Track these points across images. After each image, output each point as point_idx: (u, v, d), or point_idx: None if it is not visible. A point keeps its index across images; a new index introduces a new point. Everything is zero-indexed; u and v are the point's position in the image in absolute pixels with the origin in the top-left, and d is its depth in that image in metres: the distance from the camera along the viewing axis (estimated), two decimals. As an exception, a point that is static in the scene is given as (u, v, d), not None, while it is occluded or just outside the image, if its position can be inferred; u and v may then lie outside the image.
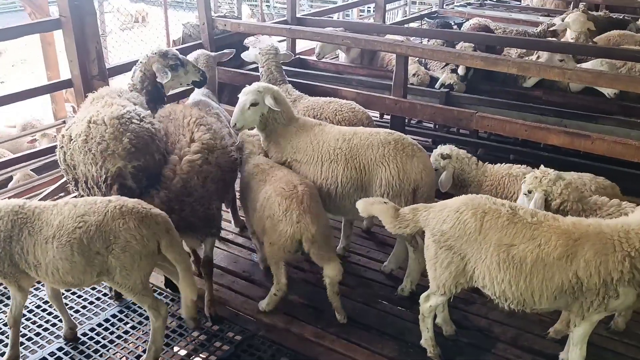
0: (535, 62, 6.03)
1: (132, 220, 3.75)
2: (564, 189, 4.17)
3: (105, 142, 4.23)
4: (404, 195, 4.53)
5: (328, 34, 6.48)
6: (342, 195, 4.73)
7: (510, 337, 4.62)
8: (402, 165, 4.55)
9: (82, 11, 5.45)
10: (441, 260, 3.87)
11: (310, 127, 4.95)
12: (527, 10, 12.54)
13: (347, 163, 4.65)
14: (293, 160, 4.93)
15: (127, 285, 3.89)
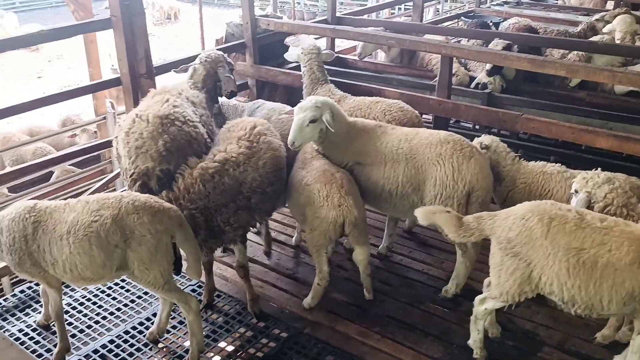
0: (584, 64, 5.96)
1: (146, 215, 3.84)
2: (609, 193, 4.15)
3: (142, 140, 4.35)
4: (457, 197, 4.50)
5: (373, 34, 6.50)
6: (402, 195, 4.72)
7: (556, 341, 4.60)
8: (458, 166, 4.51)
9: (132, 11, 5.56)
10: (507, 267, 3.84)
11: (372, 129, 4.92)
12: (566, 9, 12.38)
13: (407, 162, 4.65)
14: (356, 163, 4.91)
15: (147, 280, 3.97)
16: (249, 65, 7.06)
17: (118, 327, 4.74)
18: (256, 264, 5.56)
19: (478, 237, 4.01)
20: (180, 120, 4.57)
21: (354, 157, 4.91)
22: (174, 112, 4.58)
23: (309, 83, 6.04)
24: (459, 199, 4.51)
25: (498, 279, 3.94)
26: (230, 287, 5.25)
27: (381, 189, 4.77)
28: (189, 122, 4.65)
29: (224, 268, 5.47)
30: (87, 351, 4.49)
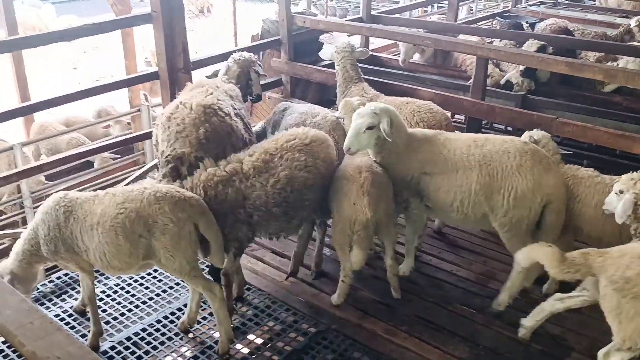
0: (622, 68, 5.88)
1: (167, 204, 3.96)
2: None
3: (184, 125, 4.47)
4: (534, 208, 4.43)
5: (409, 34, 6.52)
6: (475, 204, 4.60)
7: (584, 347, 4.57)
8: (539, 178, 4.41)
9: (172, 7, 5.67)
10: (627, 311, 3.58)
11: (434, 138, 4.80)
12: (604, 10, 12.18)
13: (481, 169, 4.51)
14: (422, 174, 4.76)
15: (173, 267, 4.09)
16: (284, 62, 7.13)
17: (150, 316, 4.85)
18: (285, 258, 5.63)
19: (584, 275, 3.79)
20: (223, 112, 4.68)
21: (420, 168, 4.77)
22: (217, 103, 4.70)
23: (342, 81, 6.08)
24: (536, 210, 4.44)
25: (619, 325, 3.66)
26: (260, 280, 5.33)
27: (452, 198, 4.65)
28: (230, 114, 4.75)
29: (254, 262, 5.56)
30: (120, 338, 4.61)
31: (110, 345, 4.55)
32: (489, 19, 11.39)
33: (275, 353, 4.50)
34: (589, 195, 4.59)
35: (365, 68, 7.63)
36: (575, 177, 4.72)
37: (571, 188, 4.70)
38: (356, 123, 4.67)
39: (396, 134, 4.69)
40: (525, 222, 4.47)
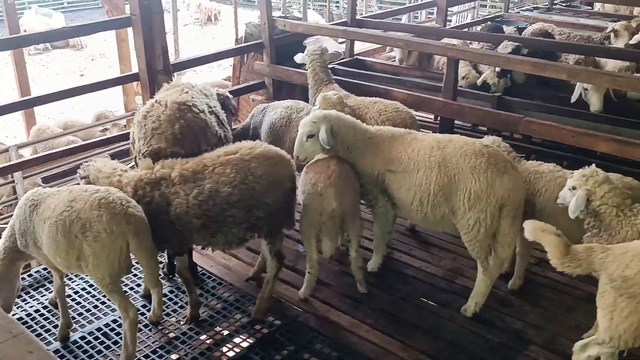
0: (584, 68, 5.95)
1: (106, 214, 3.95)
2: (607, 192, 4.13)
3: (159, 122, 4.61)
4: (490, 211, 4.45)
5: (381, 36, 6.65)
6: (434, 204, 4.65)
7: (544, 340, 4.64)
8: (492, 180, 4.44)
9: (151, 10, 5.85)
10: (621, 309, 3.54)
11: (402, 136, 4.88)
12: (596, 15, 12.24)
13: (440, 170, 4.57)
14: (386, 171, 4.83)
15: (96, 276, 4.06)
16: (266, 65, 7.29)
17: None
18: (259, 254, 5.75)
19: (584, 270, 3.70)
20: (197, 108, 4.84)
21: (385, 166, 4.85)
22: (191, 100, 4.86)
23: (313, 84, 6.21)
24: (492, 213, 4.47)
25: (610, 322, 3.61)
26: (232, 275, 5.47)
27: (412, 197, 4.73)
28: (204, 111, 4.91)
29: (228, 257, 5.70)
30: (91, 329, 4.77)
31: (81, 335, 4.70)
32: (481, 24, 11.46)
33: (240, 344, 4.63)
34: (550, 189, 4.66)
35: (349, 71, 7.82)
36: (537, 172, 4.80)
37: (533, 183, 4.77)
38: (299, 132, 4.88)
39: (345, 135, 4.85)
40: (483, 225, 4.50)
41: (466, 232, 4.58)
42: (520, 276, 5.17)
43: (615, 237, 4.10)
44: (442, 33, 8.38)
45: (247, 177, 4.38)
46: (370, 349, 4.56)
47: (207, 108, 5.07)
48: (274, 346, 4.59)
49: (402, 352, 4.50)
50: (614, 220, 4.06)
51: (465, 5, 20.79)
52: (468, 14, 19.29)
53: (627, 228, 4.05)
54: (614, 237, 4.11)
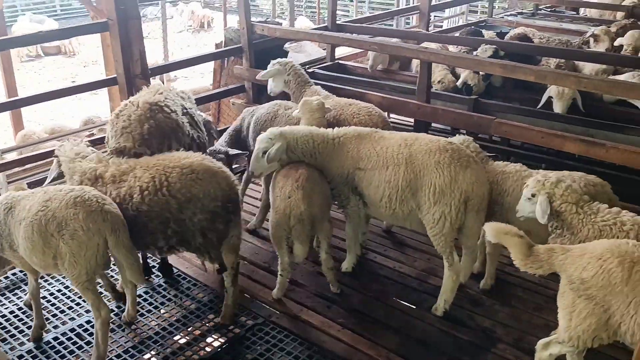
0: (551, 70, 6.05)
1: (82, 211, 3.98)
2: (565, 191, 4.19)
3: (129, 121, 4.68)
4: (455, 205, 4.54)
5: (356, 40, 6.73)
6: (402, 200, 4.74)
7: (512, 339, 4.70)
8: (455, 175, 4.54)
9: (128, 15, 5.92)
10: (579, 311, 3.60)
11: (369, 135, 4.97)
12: (579, 20, 12.35)
13: (407, 167, 4.66)
14: (356, 169, 4.91)
15: (72, 273, 4.08)
16: (245, 69, 7.37)
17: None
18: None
19: (546, 271, 3.75)
20: (169, 109, 4.91)
21: (354, 164, 4.93)
22: (163, 101, 4.93)
23: (296, 88, 6.23)
24: (457, 206, 4.56)
25: (569, 322, 3.68)
26: (207, 277, 5.51)
27: (382, 193, 4.81)
28: (176, 111, 4.99)
29: (204, 259, 5.75)
30: (64, 330, 4.81)
31: (54, 336, 4.75)
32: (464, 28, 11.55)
33: (211, 344, 4.68)
34: (517, 189, 4.72)
35: (330, 75, 7.90)
36: (504, 173, 4.87)
37: (500, 183, 4.84)
38: (255, 148, 5.01)
39: (305, 146, 4.96)
40: (448, 219, 4.58)
41: (432, 227, 4.66)
42: (491, 276, 5.23)
43: (577, 236, 4.15)
44: (421, 37, 8.47)
45: (161, 188, 4.28)
46: (341, 347, 4.61)
47: (182, 109, 5.15)
48: (245, 345, 4.64)
49: (372, 351, 4.55)
50: (574, 218, 4.12)
51: (456, 10, 21.01)
52: (459, 19, 19.48)
53: (588, 226, 4.10)
54: (576, 236, 4.16)
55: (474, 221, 4.67)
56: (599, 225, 4.08)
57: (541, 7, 13.76)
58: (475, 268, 5.38)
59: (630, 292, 3.38)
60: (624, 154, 4.83)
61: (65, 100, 16.22)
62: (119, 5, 5.83)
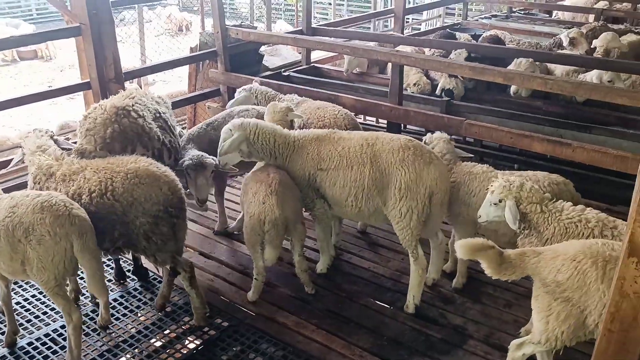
0: (519, 72, 6.18)
1: (49, 216, 3.99)
2: (529, 192, 4.27)
3: (95, 124, 4.77)
4: (420, 199, 4.68)
5: (329, 43, 6.81)
6: (368, 198, 4.85)
7: (483, 335, 4.80)
8: (419, 171, 4.67)
9: (100, 20, 5.93)
10: (557, 313, 3.61)
11: (327, 136, 5.04)
12: (552, 22, 12.56)
13: (372, 166, 4.76)
14: (318, 170, 4.98)
15: (41, 279, 4.07)
16: (220, 73, 7.40)
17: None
18: (211, 259, 5.86)
19: (519, 276, 3.77)
20: (137, 114, 4.96)
21: (316, 165, 4.99)
22: (131, 105, 4.99)
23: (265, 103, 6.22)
24: (423, 201, 4.69)
25: (546, 325, 3.68)
26: (182, 280, 5.54)
27: (347, 193, 4.89)
28: (144, 117, 5.03)
29: (179, 262, 5.77)
30: (39, 335, 4.80)
31: (28, 341, 4.74)
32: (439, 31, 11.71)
33: (187, 346, 4.71)
34: (483, 190, 4.83)
35: (305, 78, 7.97)
36: (471, 174, 4.97)
37: (467, 184, 4.94)
38: (220, 139, 5.10)
39: (265, 142, 5.01)
40: (415, 213, 4.71)
41: (398, 221, 4.77)
42: (463, 275, 5.33)
43: (544, 234, 4.23)
44: (396, 40, 8.58)
45: (107, 192, 4.39)
46: (315, 347, 4.67)
47: (154, 114, 5.22)
48: (220, 347, 4.68)
49: (346, 350, 4.62)
50: (540, 217, 4.22)
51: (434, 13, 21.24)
52: (436, 22, 19.68)
53: (554, 224, 4.19)
54: (542, 235, 4.24)
55: (438, 214, 4.85)
56: (564, 223, 4.17)
57: (515, 9, 13.98)
58: (447, 267, 5.49)
59: (606, 290, 3.40)
60: (590, 154, 4.96)
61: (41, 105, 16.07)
62: (91, 10, 5.84)
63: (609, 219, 4.14)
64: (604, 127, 6.30)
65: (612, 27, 9.81)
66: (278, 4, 31.40)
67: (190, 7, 33.91)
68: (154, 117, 5.18)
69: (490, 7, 15.19)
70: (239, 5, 33.05)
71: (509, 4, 13.37)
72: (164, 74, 20.02)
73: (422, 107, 7.00)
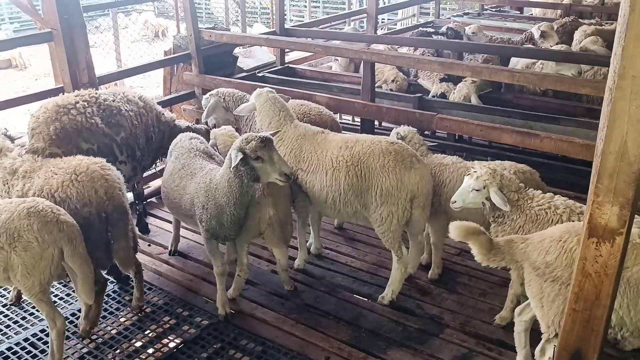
0: (487, 65, 6.31)
1: (37, 222, 3.97)
2: (509, 180, 4.37)
3: (38, 123, 4.99)
4: (401, 204, 4.69)
5: (301, 43, 6.88)
6: (345, 202, 4.88)
7: (459, 324, 4.90)
8: (401, 176, 4.67)
9: (72, 24, 5.94)
10: (548, 294, 3.66)
11: (314, 136, 5.07)
12: (522, 19, 12.78)
13: (349, 171, 4.76)
14: (298, 169, 5.03)
15: (26, 285, 4.04)
16: (195, 75, 7.44)
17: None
18: (190, 259, 5.90)
19: (509, 262, 3.84)
20: (77, 111, 5.14)
21: (296, 164, 5.03)
22: (73, 103, 5.18)
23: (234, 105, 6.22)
24: (404, 205, 4.70)
25: (541, 310, 3.72)
26: (162, 281, 5.58)
27: (325, 196, 4.92)
28: (85, 113, 5.19)
29: (158, 264, 5.81)
30: (18, 339, 4.80)
31: (8, 346, 4.74)
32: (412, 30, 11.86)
33: (167, 344, 4.74)
34: (453, 180, 4.95)
35: (280, 78, 8.04)
36: (441, 165, 5.08)
37: (438, 175, 5.05)
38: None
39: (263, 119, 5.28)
40: (395, 217, 4.74)
41: (379, 225, 4.82)
42: (438, 265, 5.43)
43: (517, 222, 4.34)
44: (368, 39, 8.69)
45: (51, 191, 4.52)
46: (294, 341, 4.73)
47: (109, 111, 5.42)
48: (200, 344, 4.72)
49: (324, 343, 4.69)
50: (514, 205, 4.32)
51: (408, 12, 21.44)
52: (411, 21, 19.87)
53: (526, 212, 4.29)
54: (515, 222, 4.35)
55: (420, 216, 4.85)
56: (534, 210, 4.28)
57: (487, 7, 14.19)
58: (423, 259, 5.59)
59: None
60: (557, 143, 5.08)
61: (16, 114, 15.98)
62: (62, 15, 5.84)
63: (576, 205, 4.27)
64: (572, 118, 6.45)
65: (582, 22, 10.01)
66: (254, 7, 31.44)
67: (166, 13, 33.76)
68: (108, 114, 5.38)
69: (463, 5, 15.38)
70: (214, 10, 33.02)
71: (480, 2, 13.57)
72: (141, 79, 19.94)
73: (395, 103, 7.10)
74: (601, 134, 2.69)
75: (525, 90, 7.18)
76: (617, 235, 2.80)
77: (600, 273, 2.93)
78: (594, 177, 2.80)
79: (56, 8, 5.82)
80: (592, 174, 2.84)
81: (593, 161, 2.81)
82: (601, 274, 2.93)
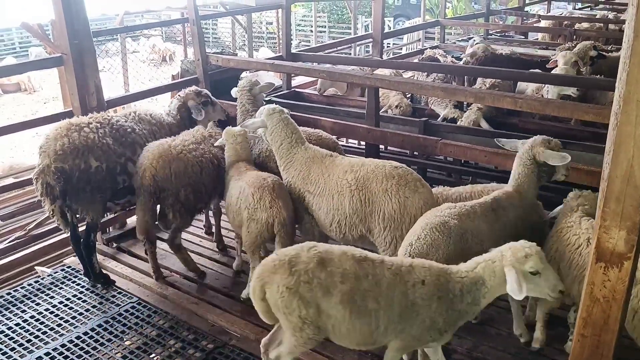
0: (490, 91, 6.33)
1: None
2: None
3: (47, 140, 5.08)
4: (405, 229, 4.60)
5: (305, 68, 6.94)
6: (350, 226, 4.86)
7: (466, 349, 4.85)
8: (404, 201, 4.63)
9: (82, 49, 6.02)
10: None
11: (321, 159, 5.08)
12: (526, 44, 12.87)
13: (353, 195, 4.76)
14: (305, 191, 5.05)
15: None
16: (202, 99, 7.49)
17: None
18: (195, 283, 5.90)
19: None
20: (90, 129, 5.23)
21: (304, 186, 5.05)
22: (86, 122, 5.28)
23: (240, 115, 6.38)
24: (408, 230, 4.59)
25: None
26: (167, 304, 5.56)
27: (331, 219, 4.92)
28: (98, 132, 5.27)
29: (164, 287, 5.80)
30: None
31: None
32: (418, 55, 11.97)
33: (172, 369, 4.73)
34: None
35: (287, 103, 8.10)
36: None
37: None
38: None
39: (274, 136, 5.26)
40: (399, 242, 4.63)
41: (384, 250, 4.80)
42: None
43: None
44: (374, 64, 8.77)
45: None
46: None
47: (123, 131, 5.54)
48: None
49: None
50: None
51: (414, 37, 21.64)
52: (417, 45, 20.06)
53: None
54: None
55: None
56: None
57: (491, 32, 14.30)
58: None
59: None
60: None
61: (25, 137, 16.15)
62: (73, 40, 5.93)
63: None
64: (578, 142, 6.45)
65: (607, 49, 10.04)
66: (261, 32, 31.78)
67: (173, 38, 34.20)
68: (122, 133, 5.50)
69: (468, 30, 15.52)
70: (222, 35, 33.39)
71: (485, 27, 13.68)
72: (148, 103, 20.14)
73: (400, 127, 7.12)
74: (607, 158, 2.70)
75: (535, 114, 7.20)
76: (625, 259, 2.79)
77: (609, 298, 2.91)
78: (601, 201, 2.81)
79: (67, 33, 5.91)
80: (598, 198, 2.84)
81: (599, 187, 2.82)
82: (609, 299, 2.91)
